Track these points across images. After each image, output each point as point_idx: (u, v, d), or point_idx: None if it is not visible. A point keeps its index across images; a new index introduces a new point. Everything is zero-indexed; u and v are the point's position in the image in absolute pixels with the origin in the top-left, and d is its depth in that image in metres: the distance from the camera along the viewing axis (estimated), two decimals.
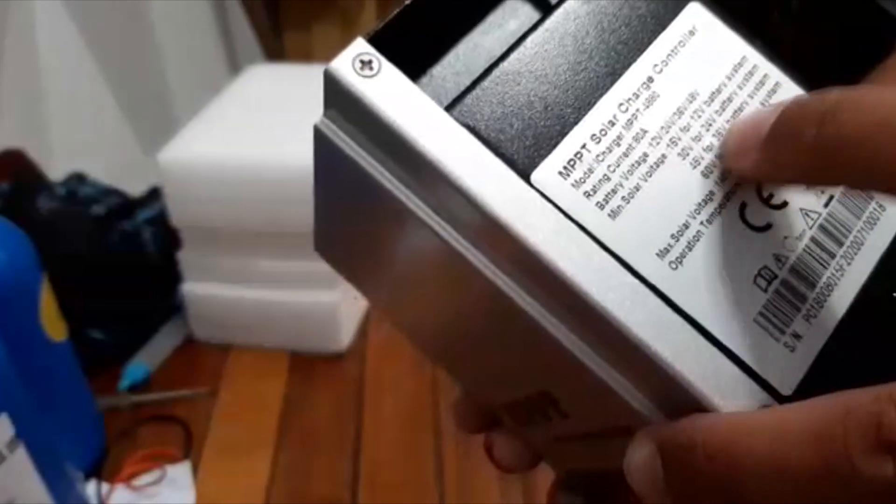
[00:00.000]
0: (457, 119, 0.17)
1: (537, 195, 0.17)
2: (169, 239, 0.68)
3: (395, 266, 0.22)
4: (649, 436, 0.16)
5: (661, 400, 0.16)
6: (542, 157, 0.17)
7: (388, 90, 0.17)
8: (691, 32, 0.19)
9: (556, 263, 0.16)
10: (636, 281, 0.16)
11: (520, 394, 0.21)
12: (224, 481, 0.59)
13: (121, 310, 0.69)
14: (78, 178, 0.73)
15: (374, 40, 0.17)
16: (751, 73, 0.19)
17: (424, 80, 0.18)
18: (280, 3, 1.21)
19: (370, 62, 0.17)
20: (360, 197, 0.19)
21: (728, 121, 0.18)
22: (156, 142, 0.67)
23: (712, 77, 0.19)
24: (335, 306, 0.67)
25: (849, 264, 0.18)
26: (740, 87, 0.19)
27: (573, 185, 0.17)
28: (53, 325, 0.54)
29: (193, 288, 0.69)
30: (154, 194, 0.72)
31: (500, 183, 0.16)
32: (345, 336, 0.71)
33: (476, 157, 0.17)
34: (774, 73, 0.19)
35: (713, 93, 0.19)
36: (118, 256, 0.68)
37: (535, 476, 0.36)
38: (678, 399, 0.16)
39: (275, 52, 1.22)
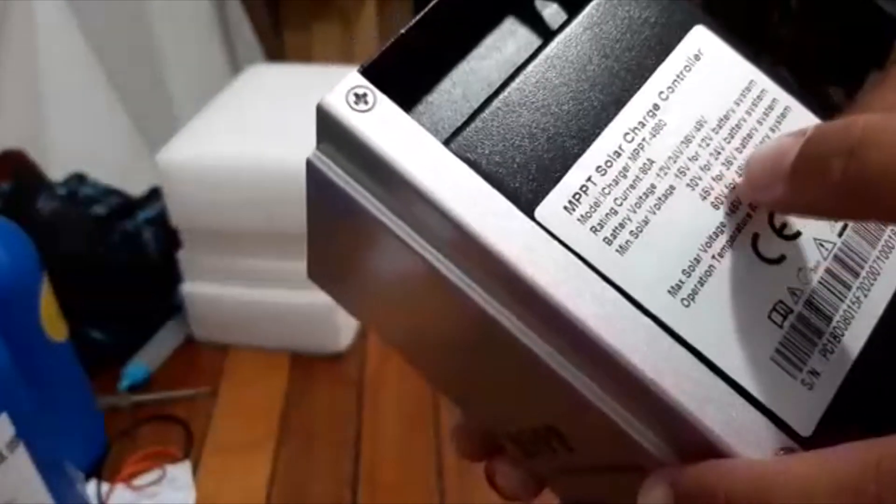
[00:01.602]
0: (456, 153, 0.16)
1: (542, 231, 0.16)
2: (169, 239, 0.68)
3: (393, 299, 0.21)
4: (664, 479, 0.15)
5: (674, 441, 0.16)
6: (546, 191, 0.16)
7: (384, 125, 0.16)
8: (697, 57, 0.18)
9: (563, 303, 0.15)
10: (648, 320, 0.16)
11: (524, 426, 0.21)
12: (224, 481, 0.59)
13: (121, 310, 0.69)
14: (78, 179, 0.73)
15: (368, 72, 0.16)
16: (759, 98, 0.18)
17: (422, 108, 0.18)
18: (280, 3, 1.21)
19: (365, 96, 0.16)
20: (356, 231, 0.18)
21: (737, 149, 0.18)
22: (156, 142, 0.67)
23: (720, 103, 0.18)
24: (335, 306, 0.67)
25: (866, 295, 0.17)
26: (749, 113, 0.18)
27: (579, 219, 0.16)
28: (54, 325, 0.54)
29: (193, 288, 0.69)
30: (154, 194, 0.72)
31: (502, 220, 0.16)
32: (345, 336, 0.71)
33: (477, 193, 0.16)
34: (783, 98, 0.19)
35: (721, 119, 0.18)
36: (118, 256, 0.68)
37: None
38: (693, 441, 0.15)
39: (275, 51, 1.22)
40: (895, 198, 0.14)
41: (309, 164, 0.17)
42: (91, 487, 0.57)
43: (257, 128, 0.67)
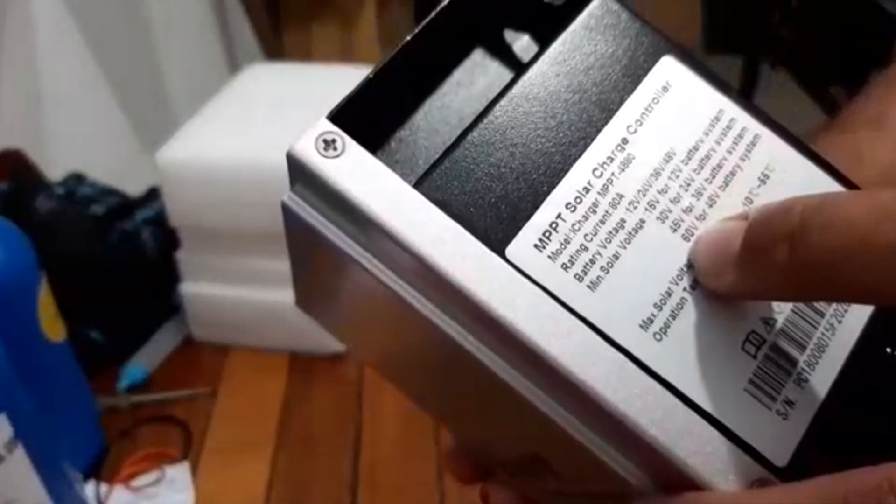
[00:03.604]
0: (426, 195, 0.16)
1: (513, 270, 0.16)
2: (168, 239, 0.68)
3: (373, 330, 0.21)
4: None
5: (651, 472, 0.16)
6: (517, 229, 0.17)
7: (353, 169, 0.16)
8: (665, 88, 0.18)
9: (535, 341, 0.16)
10: (620, 355, 0.16)
11: (511, 454, 0.21)
12: (223, 482, 0.59)
13: (120, 310, 0.69)
14: (77, 178, 0.73)
15: (337, 118, 0.17)
16: (728, 127, 0.18)
17: (392, 149, 0.18)
18: (280, 3, 1.21)
19: (334, 141, 0.16)
20: (333, 267, 0.18)
21: (707, 179, 0.18)
22: (155, 141, 0.66)
23: (689, 134, 0.18)
24: None
25: (839, 322, 0.17)
26: (718, 143, 0.18)
27: (549, 257, 0.16)
28: (52, 326, 0.53)
29: (192, 288, 0.69)
30: (153, 194, 0.72)
31: (473, 260, 0.16)
32: None
33: (447, 233, 0.16)
34: (753, 126, 0.19)
35: (691, 150, 0.18)
36: (117, 256, 0.68)
37: None
38: (668, 473, 0.16)
39: (274, 51, 1.22)
40: (840, 277, 0.14)
41: (284, 206, 0.18)
42: (90, 488, 0.57)
43: (256, 127, 0.67)
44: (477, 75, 0.19)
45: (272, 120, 0.67)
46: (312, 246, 0.18)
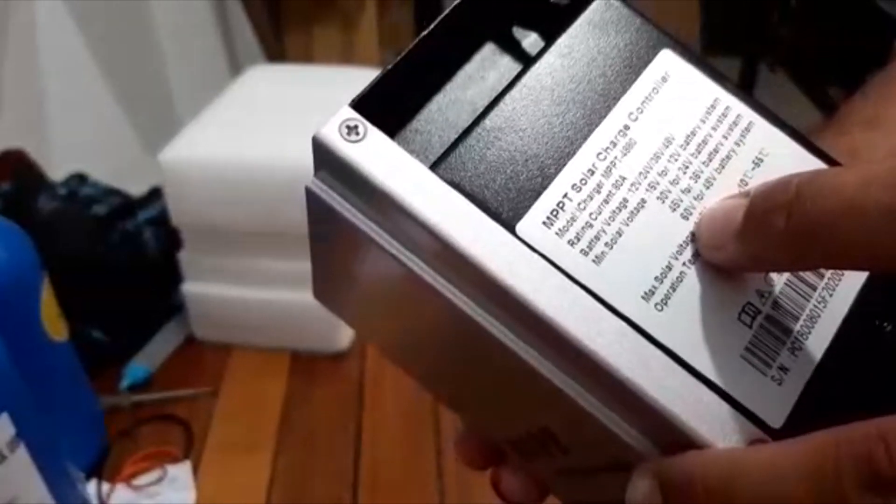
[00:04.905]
0: (442, 177, 0.18)
1: (523, 246, 0.17)
2: (170, 239, 0.68)
3: (391, 314, 0.23)
4: (649, 471, 0.16)
5: (655, 436, 0.17)
6: (526, 208, 0.18)
7: (374, 153, 0.17)
8: (664, 79, 0.20)
9: (543, 311, 0.17)
10: (623, 324, 0.17)
11: (521, 430, 0.22)
12: (224, 481, 0.59)
13: (122, 309, 0.69)
14: (79, 178, 0.73)
15: (359, 106, 0.18)
16: (724, 115, 0.20)
17: (410, 135, 0.19)
18: (281, 5, 1.22)
19: (356, 127, 0.17)
20: (354, 251, 0.19)
21: (704, 162, 0.19)
22: (157, 142, 0.67)
23: (687, 121, 0.19)
24: None
25: (831, 295, 0.18)
26: (714, 129, 0.19)
27: (557, 233, 0.18)
28: (54, 325, 0.54)
29: (194, 288, 0.69)
30: (155, 194, 0.72)
31: (486, 236, 0.17)
32: (345, 336, 0.71)
33: (462, 212, 0.17)
34: (747, 113, 0.20)
35: (688, 136, 0.19)
36: (119, 256, 0.68)
37: None
38: (672, 436, 0.16)
39: (275, 53, 1.22)
40: (833, 241, 0.15)
41: (308, 191, 0.19)
42: (91, 487, 0.57)
43: (258, 128, 0.67)
44: (487, 69, 0.20)
45: (273, 121, 0.67)
46: (334, 229, 0.19)
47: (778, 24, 1.12)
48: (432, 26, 0.19)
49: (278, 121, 0.67)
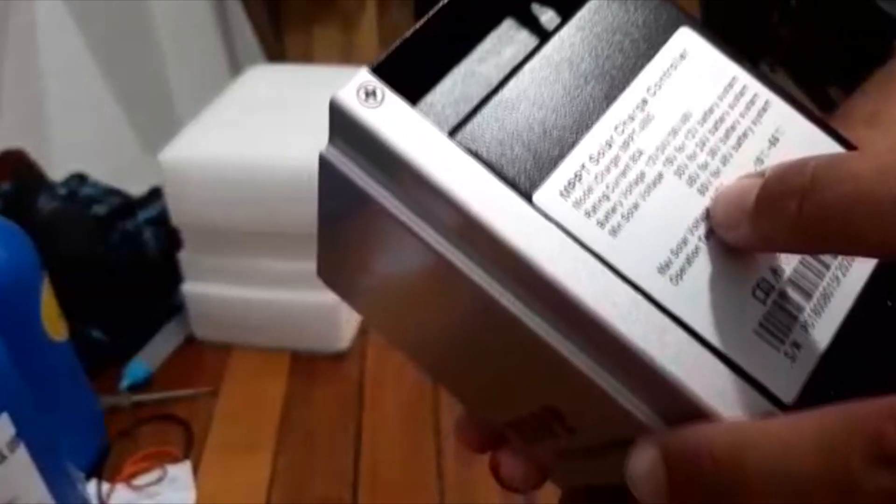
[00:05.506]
0: (459, 144, 0.17)
1: (540, 215, 0.17)
2: (170, 239, 0.68)
3: (398, 289, 0.22)
4: (652, 443, 0.16)
5: (664, 410, 0.17)
6: (543, 178, 0.18)
7: (392, 119, 0.17)
8: (682, 56, 0.20)
9: (559, 280, 0.16)
10: (638, 295, 0.17)
11: (524, 410, 0.21)
12: (224, 481, 0.59)
13: (122, 309, 0.69)
14: (79, 178, 0.73)
15: (378, 70, 0.17)
16: (741, 94, 0.20)
17: (427, 103, 0.19)
18: (281, 5, 1.22)
19: (374, 92, 0.17)
20: (365, 222, 0.19)
21: (721, 139, 0.19)
22: (157, 142, 0.67)
23: (704, 98, 0.19)
24: (336, 306, 0.67)
25: (844, 275, 0.18)
26: (731, 107, 0.19)
27: (574, 204, 0.17)
28: (54, 325, 0.54)
29: (194, 288, 0.70)
30: (155, 194, 0.72)
31: (503, 205, 0.17)
32: (345, 336, 0.71)
33: (479, 180, 0.17)
34: (763, 93, 0.20)
35: (706, 113, 0.19)
36: (119, 256, 0.68)
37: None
38: (681, 409, 0.16)
39: (275, 52, 1.22)
40: (850, 234, 0.15)
41: (322, 158, 0.18)
42: (91, 487, 0.57)
43: (258, 128, 0.67)
44: (504, 44, 0.20)
45: (273, 121, 0.67)
46: (344, 199, 0.19)
47: (778, 23, 1.12)
48: None
49: (278, 121, 0.67)
